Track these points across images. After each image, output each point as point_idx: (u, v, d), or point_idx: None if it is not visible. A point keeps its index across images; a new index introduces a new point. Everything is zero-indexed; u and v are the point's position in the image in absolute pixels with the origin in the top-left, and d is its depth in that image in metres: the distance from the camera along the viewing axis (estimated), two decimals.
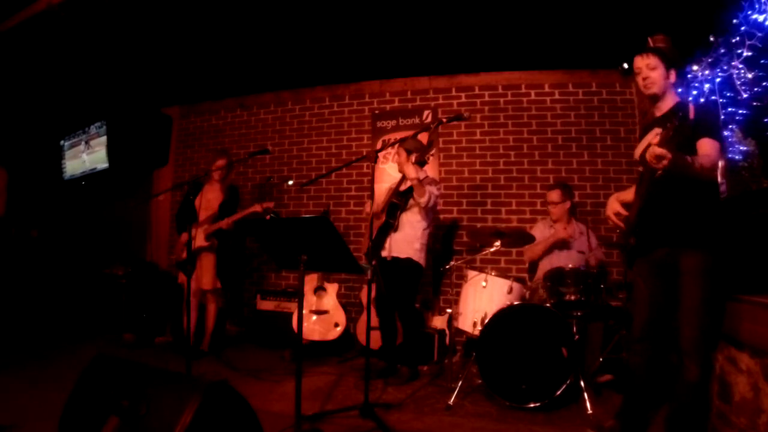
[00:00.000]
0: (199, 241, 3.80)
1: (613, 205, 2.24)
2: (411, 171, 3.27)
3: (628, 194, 2.30)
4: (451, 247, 4.45)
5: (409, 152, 3.38)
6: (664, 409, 2.31)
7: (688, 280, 2.00)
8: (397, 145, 3.39)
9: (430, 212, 3.43)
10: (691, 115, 1.77)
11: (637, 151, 2.20)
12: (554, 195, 3.58)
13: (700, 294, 1.97)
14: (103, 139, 5.03)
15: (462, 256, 4.20)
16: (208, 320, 3.95)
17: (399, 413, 2.70)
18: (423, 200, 3.26)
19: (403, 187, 3.47)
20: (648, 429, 2.25)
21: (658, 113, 2.21)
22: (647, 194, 2.07)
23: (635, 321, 2.22)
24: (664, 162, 1.73)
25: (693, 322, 1.97)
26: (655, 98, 2.19)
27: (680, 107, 2.08)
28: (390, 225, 3.39)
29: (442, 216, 4.49)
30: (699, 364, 1.95)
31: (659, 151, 1.71)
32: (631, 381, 2.24)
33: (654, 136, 1.76)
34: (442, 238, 4.46)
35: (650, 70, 2.15)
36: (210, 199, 3.90)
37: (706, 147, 1.95)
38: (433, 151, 3.71)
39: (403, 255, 3.37)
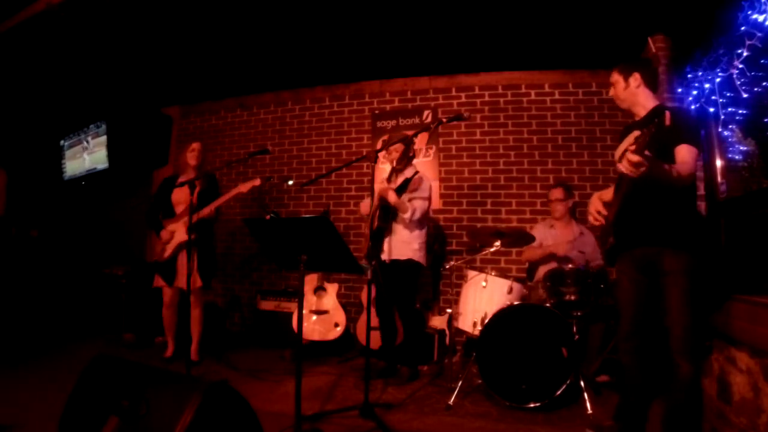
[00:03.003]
0: (180, 236, 3.55)
1: (595, 204, 2.25)
2: (391, 196, 3.26)
3: (609, 193, 2.31)
4: (451, 247, 4.45)
5: (405, 147, 3.40)
6: (662, 408, 2.31)
7: (671, 280, 2.02)
8: (384, 151, 3.38)
9: (422, 218, 3.42)
10: (667, 121, 1.78)
11: (617, 154, 2.22)
12: (558, 192, 3.64)
13: (684, 293, 2.00)
14: (103, 139, 5.03)
15: (462, 256, 4.20)
16: (194, 326, 3.57)
17: (399, 413, 2.70)
18: (406, 216, 3.28)
19: (392, 186, 3.46)
20: (646, 427, 2.25)
21: (637, 117, 2.26)
22: (626, 196, 2.09)
23: (622, 319, 2.24)
24: (642, 169, 1.76)
25: (680, 320, 1.99)
26: (630, 109, 2.27)
27: (658, 111, 2.10)
28: (384, 229, 3.38)
29: (442, 216, 4.49)
30: (690, 362, 1.97)
31: (636, 158, 1.73)
32: (625, 380, 2.25)
33: (633, 139, 1.77)
34: (442, 238, 4.46)
35: (613, 89, 2.26)
36: (186, 191, 3.42)
37: (684, 154, 1.97)
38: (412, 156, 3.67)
39: (402, 257, 3.37)
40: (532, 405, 2.69)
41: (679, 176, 1.91)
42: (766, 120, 2.52)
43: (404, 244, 3.38)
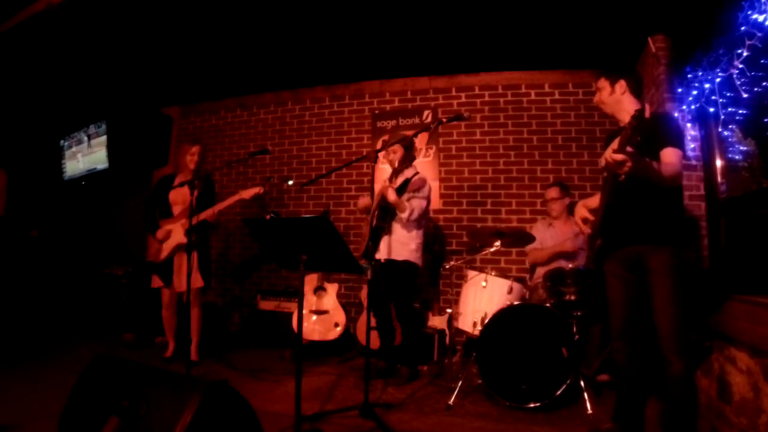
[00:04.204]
0: (178, 237, 3.54)
1: (581, 211, 2.32)
2: (391, 195, 3.25)
3: (595, 200, 2.35)
4: (451, 247, 4.45)
5: (406, 149, 3.42)
6: (659, 406, 2.31)
7: (657, 278, 2.04)
8: (384, 152, 3.39)
9: (419, 218, 3.42)
10: (647, 113, 1.81)
11: (602, 160, 2.24)
12: (553, 191, 3.65)
13: (671, 290, 2.01)
14: (103, 139, 5.03)
15: (462, 256, 4.20)
16: (193, 326, 3.54)
17: (399, 413, 2.70)
18: (404, 216, 3.29)
19: (393, 186, 3.46)
20: (644, 426, 2.25)
21: (621, 123, 2.28)
22: (611, 197, 2.12)
23: (612, 319, 2.25)
24: (626, 166, 1.79)
25: (668, 318, 2.00)
26: (614, 115, 2.31)
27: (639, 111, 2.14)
28: (382, 228, 3.38)
29: (442, 216, 4.49)
30: (681, 358, 1.98)
31: (619, 157, 1.77)
32: (620, 379, 2.26)
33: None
34: (442, 238, 4.46)
35: (598, 94, 2.31)
36: (184, 192, 3.48)
37: (669, 156, 2.03)
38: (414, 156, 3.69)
39: (399, 257, 3.37)
40: (532, 405, 2.69)
41: (664, 173, 1.96)
42: (766, 120, 2.52)
43: (401, 244, 3.38)
